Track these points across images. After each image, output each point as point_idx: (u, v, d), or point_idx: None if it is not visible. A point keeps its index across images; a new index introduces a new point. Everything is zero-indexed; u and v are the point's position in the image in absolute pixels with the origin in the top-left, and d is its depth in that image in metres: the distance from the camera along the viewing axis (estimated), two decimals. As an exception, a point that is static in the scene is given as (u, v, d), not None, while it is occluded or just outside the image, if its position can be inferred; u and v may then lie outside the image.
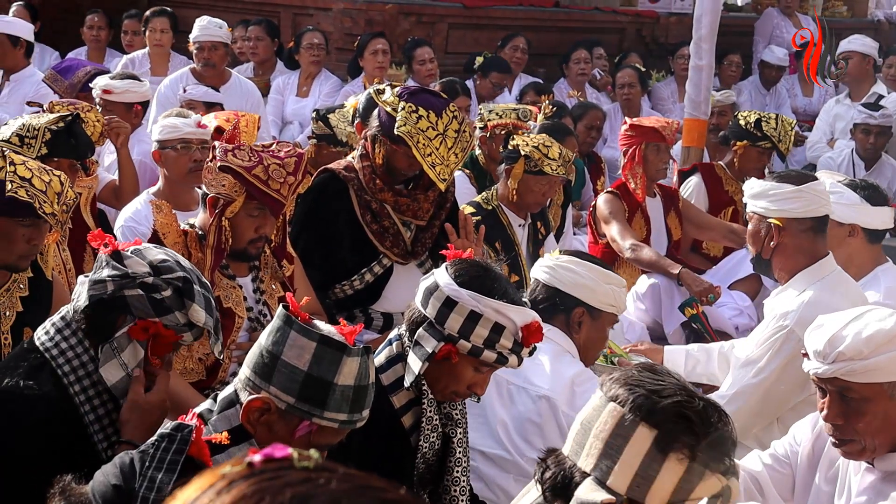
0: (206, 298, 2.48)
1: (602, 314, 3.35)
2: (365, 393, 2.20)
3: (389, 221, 4.18)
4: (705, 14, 6.36)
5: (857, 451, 2.45)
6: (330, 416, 2.16)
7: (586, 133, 6.71)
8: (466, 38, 8.36)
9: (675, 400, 1.78)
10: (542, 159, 4.68)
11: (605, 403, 1.82)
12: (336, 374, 2.15)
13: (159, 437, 1.98)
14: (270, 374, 2.17)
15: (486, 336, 2.62)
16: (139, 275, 2.42)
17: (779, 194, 3.48)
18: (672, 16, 9.61)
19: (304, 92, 7.63)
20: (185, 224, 3.56)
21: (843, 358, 2.39)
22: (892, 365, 2.39)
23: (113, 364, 2.43)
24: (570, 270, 3.33)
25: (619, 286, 3.37)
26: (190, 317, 2.43)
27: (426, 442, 2.70)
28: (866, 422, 2.41)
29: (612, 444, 1.79)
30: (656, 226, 5.44)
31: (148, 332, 2.41)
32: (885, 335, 2.39)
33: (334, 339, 2.18)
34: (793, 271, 3.52)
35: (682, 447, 1.76)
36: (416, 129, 3.99)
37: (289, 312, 2.19)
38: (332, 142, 5.26)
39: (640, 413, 1.78)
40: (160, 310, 2.41)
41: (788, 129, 5.88)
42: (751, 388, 3.44)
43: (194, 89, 6.03)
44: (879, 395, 2.40)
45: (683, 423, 1.77)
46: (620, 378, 1.84)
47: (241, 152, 3.48)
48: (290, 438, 2.18)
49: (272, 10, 8.55)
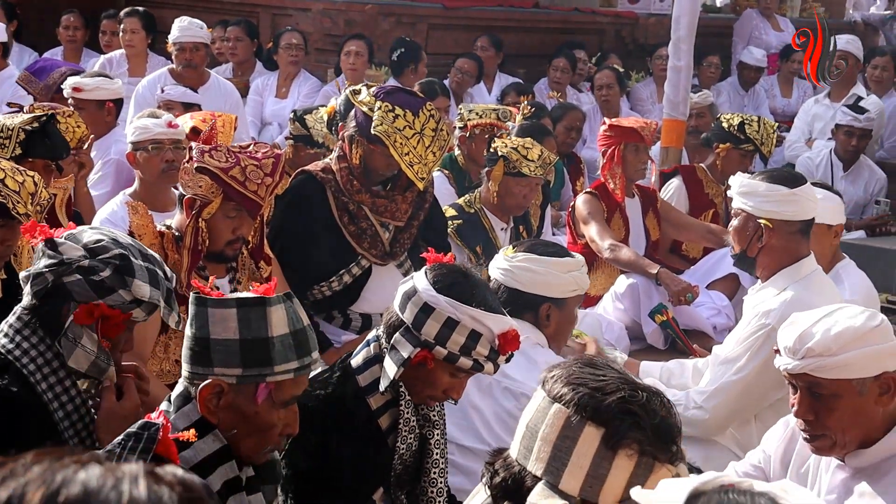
0: (151, 271, 2.44)
1: (567, 301, 3.37)
2: (305, 335, 2.19)
3: (367, 223, 4.18)
4: (683, 15, 6.38)
5: (827, 446, 2.47)
6: (281, 369, 2.16)
7: (566, 134, 6.72)
8: (446, 39, 8.36)
9: (620, 396, 1.77)
10: (521, 160, 4.69)
11: (549, 404, 1.80)
12: (267, 327, 2.15)
13: (126, 437, 1.96)
14: (208, 358, 2.16)
15: (463, 343, 2.61)
16: (74, 259, 2.38)
17: (772, 196, 3.50)
18: (651, 17, 9.64)
19: (284, 93, 7.61)
20: (162, 225, 3.55)
21: (812, 354, 2.42)
22: (860, 362, 2.41)
23: (78, 353, 2.40)
24: (527, 270, 3.32)
25: (578, 268, 3.37)
26: (134, 293, 2.39)
27: (403, 443, 2.70)
28: (836, 417, 2.43)
29: (561, 447, 1.78)
30: (635, 226, 5.46)
31: (93, 315, 2.38)
32: (854, 332, 2.42)
33: (251, 298, 2.17)
34: (774, 270, 3.54)
35: (631, 442, 1.75)
36: (393, 128, 3.99)
37: (199, 294, 2.18)
38: (309, 143, 5.26)
39: (585, 412, 1.77)
40: (102, 291, 2.38)
41: (770, 131, 5.92)
42: (730, 385, 3.46)
43: (172, 89, 6.01)
44: (848, 391, 2.42)
45: (630, 419, 1.76)
46: (562, 376, 1.82)
47: (218, 153, 3.47)
48: (255, 407, 2.17)
49: (251, 10, 8.53)
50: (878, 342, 2.42)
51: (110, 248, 2.40)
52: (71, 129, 4.46)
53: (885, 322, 2.48)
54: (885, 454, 2.43)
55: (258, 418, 2.18)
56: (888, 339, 2.45)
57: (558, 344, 3.42)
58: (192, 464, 2.13)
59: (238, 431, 2.18)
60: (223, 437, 2.17)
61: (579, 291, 3.40)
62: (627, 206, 5.42)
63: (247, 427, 2.18)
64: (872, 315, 2.48)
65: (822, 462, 2.56)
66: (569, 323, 3.44)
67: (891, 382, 2.43)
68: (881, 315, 2.51)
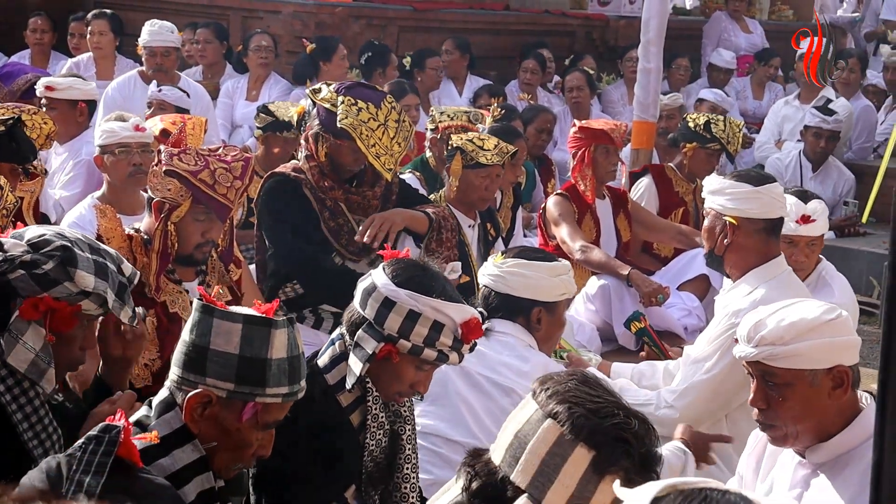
0: (99, 264, 2.42)
1: (558, 305, 3.42)
2: (299, 362, 2.21)
3: (343, 219, 4.20)
4: (653, 17, 6.42)
5: (780, 436, 2.50)
6: (272, 391, 2.17)
7: (537, 136, 6.73)
8: (416, 41, 8.36)
9: (615, 422, 1.78)
10: (477, 151, 4.69)
11: (542, 419, 1.81)
12: (268, 349, 2.15)
13: (87, 440, 1.95)
14: (203, 367, 2.16)
15: (426, 335, 2.63)
16: (17, 255, 2.37)
17: (736, 193, 3.52)
18: (621, 19, 9.67)
19: (254, 96, 7.58)
20: (130, 228, 3.52)
21: (764, 342, 2.45)
22: (813, 353, 2.44)
23: (18, 350, 2.37)
24: (518, 275, 3.35)
25: (566, 272, 3.42)
26: (77, 283, 2.37)
27: (373, 440, 2.70)
28: (787, 407, 2.45)
29: (549, 463, 1.78)
30: (606, 227, 5.47)
31: (38, 308, 2.36)
32: (807, 324, 2.45)
33: (258, 317, 2.18)
34: (744, 269, 3.56)
35: (619, 470, 1.76)
36: (358, 120, 4.02)
37: (205, 303, 2.18)
38: (277, 127, 5.28)
39: (580, 434, 1.77)
40: (45, 283, 2.36)
41: (737, 130, 5.96)
42: (700, 384, 3.48)
43: (169, 91, 5.97)
44: (800, 381, 2.45)
45: (622, 446, 1.77)
46: (558, 392, 1.82)
47: (187, 156, 3.45)
48: (238, 423, 2.17)
49: (221, 12, 8.50)
50: (831, 335, 2.45)
51: (53, 241, 2.39)
52: (38, 126, 4.44)
53: (843, 317, 2.51)
54: (842, 449, 2.45)
55: (238, 435, 2.18)
56: (843, 333, 2.48)
57: (548, 348, 3.47)
58: (169, 472, 2.13)
59: (215, 445, 2.17)
60: (202, 448, 2.17)
61: (568, 295, 3.45)
62: (598, 208, 5.44)
63: (225, 442, 2.18)
64: (830, 309, 2.52)
65: (786, 459, 2.58)
66: (559, 327, 3.48)
67: (844, 376, 2.45)
68: (841, 310, 2.53)
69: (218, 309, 2.17)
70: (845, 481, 2.41)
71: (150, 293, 3.46)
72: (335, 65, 7.21)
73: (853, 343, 2.49)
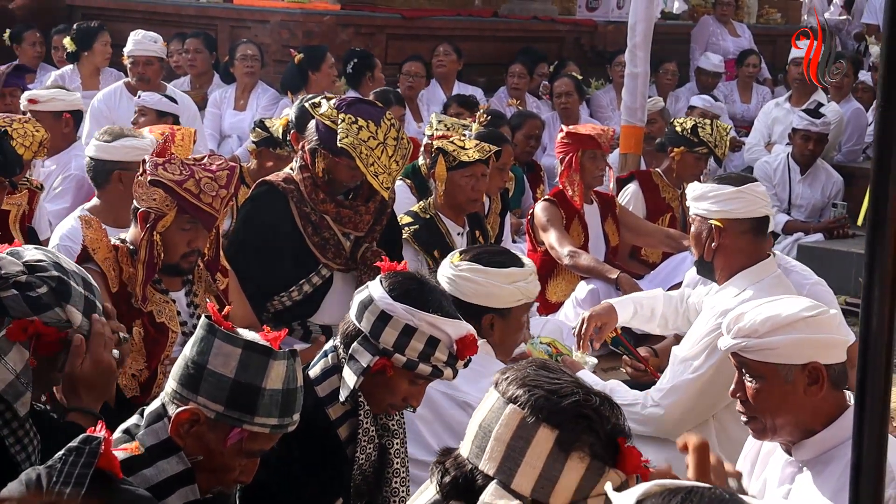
0: (88, 301, 2.40)
1: (512, 311, 3.33)
2: (294, 397, 2.20)
3: (329, 233, 4.18)
4: (639, 22, 6.44)
5: (760, 429, 2.54)
6: (260, 421, 2.16)
7: (525, 142, 6.74)
8: (405, 49, 8.37)
9: (574, 399, 1.79)
10: (458, 150, 4.68)
11: (503, 405, 1.82)
12: (264, 378, 2.15)
13: (67, 451, 1.94)
14: (197, 385, 2.15)
15: (421, 349, 2.62)
16: (12, 274, 2.35)
17: (719, 196, 3.53)
18: (610, 24, 9.69)
19: (242, 105, 7.58)
20: (116, 239, 3.52)
21: (740, 334, 2.50)
22: (786, 349, 2.47)
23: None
24: (469, 280, 3.27)
25: (524, 277, 3.30)
26: (67, 316, 2.36)
27: (363, 453, 2.69)
28: (762, 399, 2.49)
29: (514, 447, 1.79)
30: (594, 232, 5.48)
31: (27, 331, 2.34)
32: (783, 319, 2.48)
33: (259, 345, 2.18)
34: (733, 271, 3.57)
35: (584, 446, 1.77)
36: (358, 139, 3.99)
37: (211, 321, 2.18)
38: (272, 143, 5.28)
39: (541, 414, 1.78)
40: (37, 307, 2.33)
41: (724, 133, 5.97)
42: (686, 384, 3.48)
43: (148, 96, 5.96)
44: (773, 375, 2.48)
45: (584, 422, 1.78)
46: (517, 378, 1.83)
47: (172, 166, 3.45)
48: (221, 447, 2.17)
49: (209, 22, 8.50)
50: (808, 331, 2.47)
51: (49, 269, 2.37)
52: (30, 134, 4.41)
53: (825, 314, 2.52)
54: (826, 446, 2.47)
55: (220, 458, 2.18)
56: (822, 331, 2.49)
57: (505, 351, 3.40)
58: (152, 483, 2.13)
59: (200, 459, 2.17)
60: (188, 460, 2.17)
61: (525, 300, 3.35)
62: (586, 213, 5.45)
63: (207, 463, 2.18)
64: (813, 306, 2.53)
65: (777, 458, 2.60)
66: (515, 330, 3.40)
67: (818, 373, 2.47)
68: (825, 308, 2.54)
69: (221, 330, 2.17)
70: (828, 478, 2.43)
71: (136, 303, 3.46)
72: (323, 74, 7.19)
73: (834, 341, 2.50)
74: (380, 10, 8.78)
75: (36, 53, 8.09)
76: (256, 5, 8.48)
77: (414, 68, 7.81)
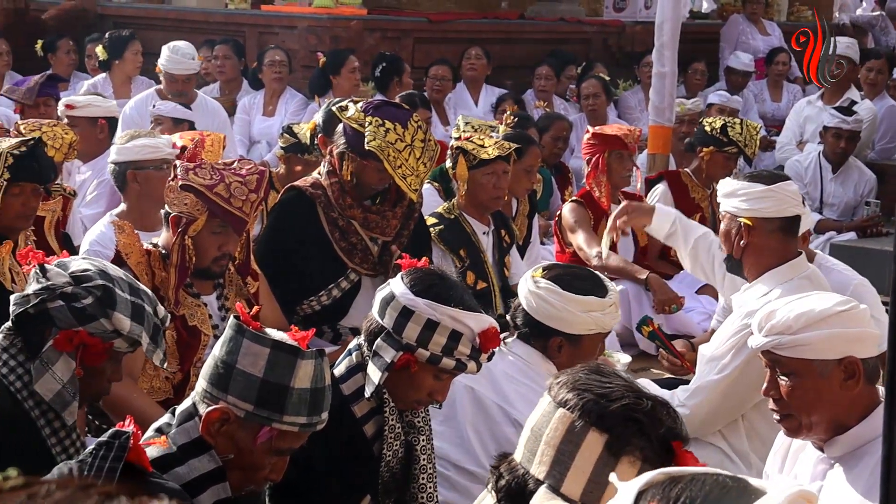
0: (136, 306, 2.45)
1: (583, 338, 3.16)
2: (322, 395, 2.23)
3: (357, 237, 4.20)
4: (666, 21, 6.42)
5: (794, 427, 2.51)
6: (289, 420, 2.19)
7: (553, 144, 6.73)
8: (432, 53, 8.39)
9: (624, 403, 1.79)
10: (478, 149, 4.67)
11: (554, 409, 1.82)
12: (292, 378, 2.17)
13: (97, 446, 1.98)
14: (227, 384, 2.18)
15: (444, 344, 2.63)
16: (59, 285, 2.41)
17: (750, 194, 3.51)
18: (637, 24, 9.67)
19: (270, 111, 7.63)
20: (148, 244, 3.56)
21: (773, 331, 2.47)
22: (821, 344, 2.44)
23: (46, 379, 2.42)
24: (544, 300, 3.13)
25: (603, 309, 3.14)
26: (114, 324, 2.42)
27: (389, 450, 2.71)
28: (797, 397, 2.46)
29: (564, 451, 1.79)
30: (622, 233, 5.46)
31: (72, 342, 2.40)
32: (816, 314, 2.45)
33: (287, 344, 2.20)
34: (762, 270, 3.55)
35: (634, 450, 1.76)
36: (386, 142, 4.01)
37: (240, 322, 2.20)
38: (300, 149, 5.31)
39: (590, 418, 1.78)
40: (82, 318, 2.40)
41: (754, 133, 5.94)
42: (713, 384, 3.47)
43: (162, 105, 6.03)
44: (809, 371, 2.45)
45: (633, 426, 1.77)
46: (568, 382, 1.84)
47: (203, 170, 3.49)
48: (252, 446, 2.20)
49: (237, 29, 8.57)
50: (841, 326, 2.45)
51: (94, 278, 2.42)
52: (59, 137, 4.47)
53: (857, 309, 2.50)
54: (859, 442, 2.45)
55: (251, 457, 2.21)
56: (856, 324, 2.47)
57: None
58: (185, 481, 2.16)
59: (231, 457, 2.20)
60: (219, 458, 2.20)
61: (598, 331, 3.19)
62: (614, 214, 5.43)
63: (237, 461, 2.21)
64: (845, 301, 2.51)
65: (809, 455, 2.59)
66: (584, 358, 3.19)
67: (855, 367, 2.45)
68: (856, 302, 2.53)
69: (249, 330, 2.20)
70: (860, 474, 2.42)
71: (168, 307, 3.49)
72: (344, 77, 7.26)
73: (867, 335, 2.49)
74: (406, 14, 8.82)
75: (70, 62, 8.20)
76: (284, 11, 8.55)
77: (441, 72, 7.83)
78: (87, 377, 2.47)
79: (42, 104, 6.03)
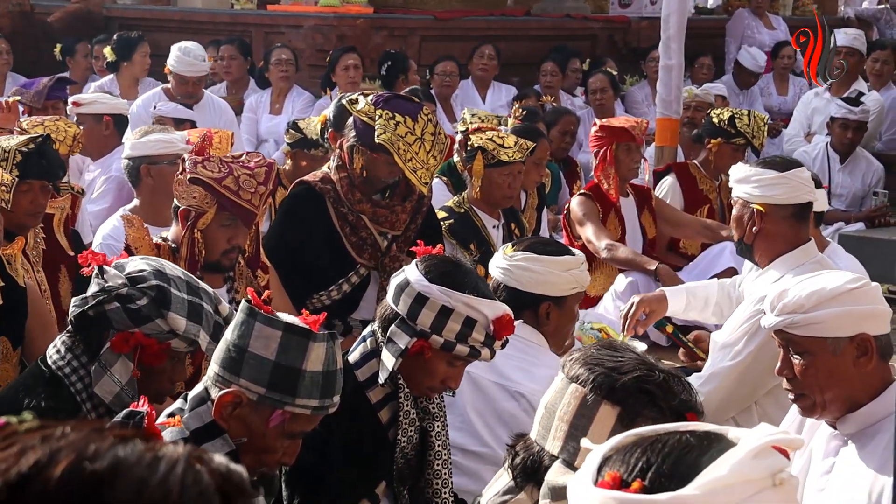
0: (194, 305, 2.47)
1: (567, 299, 3.33)
2: (334, 378, 2.23)
3: (367, 232, 4.20)
4: (673, 14, 6.42)
5: (808, 406, 2.50)
6: (302, 402, 2.19)
7: (560, 138, 6.74)
8: (439, 50, 8.39)
9: (635, 375, 1.79)
10: (498, 149, 4.68)
11: (566, 385, 1.83)
12: (304, 360, 2.18)
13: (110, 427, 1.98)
14: (239, 367, 2.19)
15: (458, 330, 2.64)
16: (115, 287, 2.43)
17: (763, 180, 3.51)
18: (643, 20, 9.66)
19: (277, 109, 7.65)
20: (158, 238, 3.57)
21: (785, 310, 2.46)
22: (834, 322, 2.44)
23: (105, 381, 2.44)
24: (526, 269, 3.26)
25: (577, 266, 3.31)
26: (169, 324, 2.43)
27: (404, 436, 2.72)
28: (810, 375, 2.45)
29: (577, 425, 1.79)
30: (631, 225, 5.47)
31: (128, 343, 2.41)
32: (829, 292, 2.45)
33: (299, 327, 2.21)
34: (773, 256, 3.56)
35: (646, 421, 1.75)
36: (396, 135, 4.01)
37: (251, 305, 2.21)
38: (306, 145, 5.32)
39: (601, 391, 1.79)
40: (138, 319, 2.41)
41: (761, 124, 5.94)
42: (726, 371, 3.47)
43: (163, 106, 6.05)
44: (822, 349, 2.45)
45: (645, 398, 1.78)
46: (580, 358, 1.85)
47: (211, 164, 3.50)
48: (264, 429, 2.20)
49: (243, 28, 8.58)
50: (853, 303, 2.45)
51: (149, 278, 2.44)
52: (62, 130, 4.48)
53: (869, 286, 2.50)
54: (872, 419, 2.45)
55: (263, 440, 2.21)
56: (868, 302, 2.47)
57: (558, 342, 3.40)
58: None
59: (245, 441, 2.20)
60: (232, 442, 2.20)
61: (579, 289, 3.36)
62: (622, 206, 5.43)
63: (250, 444, 2.22)
64: (856, 278, 2.51)
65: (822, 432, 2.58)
66: (569, 321, 3.42)
67: (868, 344, 2.45)
68: (867, 279, 2.52)
69: (261, 313, 2.21)
70: (873, 451, 2.41)
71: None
72: (339, 76, 7.34)
73: (879, 312, 2.48)
74: (412, 12, 8.82)
75: (88, 65, 8.22)
76: (290, 10, 8.55)
77: (448, 68, 7.84)
78: (147, 378, 2.47)
79: (51, 107, 6.05)
